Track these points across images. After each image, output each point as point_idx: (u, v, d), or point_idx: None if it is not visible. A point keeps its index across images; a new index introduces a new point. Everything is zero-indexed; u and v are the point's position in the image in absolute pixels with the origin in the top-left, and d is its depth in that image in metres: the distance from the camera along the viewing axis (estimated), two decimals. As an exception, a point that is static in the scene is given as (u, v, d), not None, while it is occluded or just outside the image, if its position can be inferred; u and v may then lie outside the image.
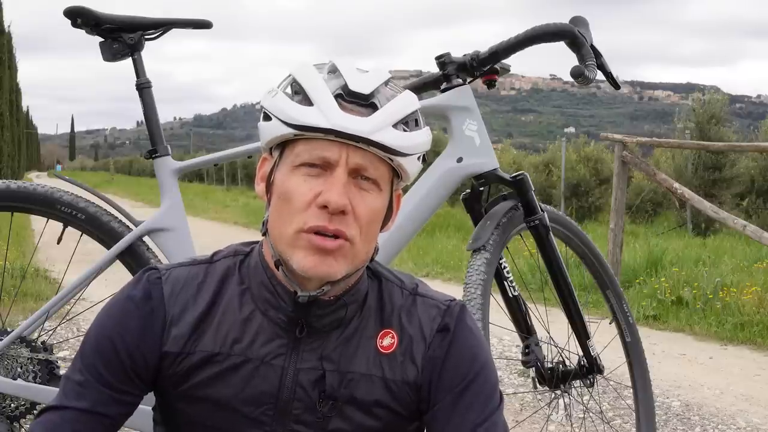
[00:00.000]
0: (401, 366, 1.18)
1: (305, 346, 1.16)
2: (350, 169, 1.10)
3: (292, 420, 1.15)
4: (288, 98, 1.12)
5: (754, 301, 5.82)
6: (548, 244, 2.19)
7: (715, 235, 11.26)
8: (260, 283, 1.18)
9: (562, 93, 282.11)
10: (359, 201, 1.10)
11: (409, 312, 1.21)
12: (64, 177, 2.20)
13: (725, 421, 3.70)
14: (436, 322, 1.20)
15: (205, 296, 1.18)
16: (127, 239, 2.07)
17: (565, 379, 2.28)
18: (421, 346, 1.19)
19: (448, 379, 1.18)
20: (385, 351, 1.18)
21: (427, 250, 9.87)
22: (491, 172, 2.17)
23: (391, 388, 1.17)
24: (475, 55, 2.15)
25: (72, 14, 2.07)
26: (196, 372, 1.16)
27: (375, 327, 1.19)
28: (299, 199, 1.09)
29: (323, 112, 1.08)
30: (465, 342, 1.20)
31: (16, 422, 2.05)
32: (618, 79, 2.22)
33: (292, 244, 1.11)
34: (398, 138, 1.11)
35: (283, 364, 1.15)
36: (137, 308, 1.17)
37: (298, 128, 1.09)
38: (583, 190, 14.29)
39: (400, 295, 1.22)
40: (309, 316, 1.15)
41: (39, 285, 6.36)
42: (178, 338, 1.16)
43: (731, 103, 16.36)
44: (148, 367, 1.17)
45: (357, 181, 1.11)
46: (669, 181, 6.51)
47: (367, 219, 1.11)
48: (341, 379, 1.16)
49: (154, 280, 1.19)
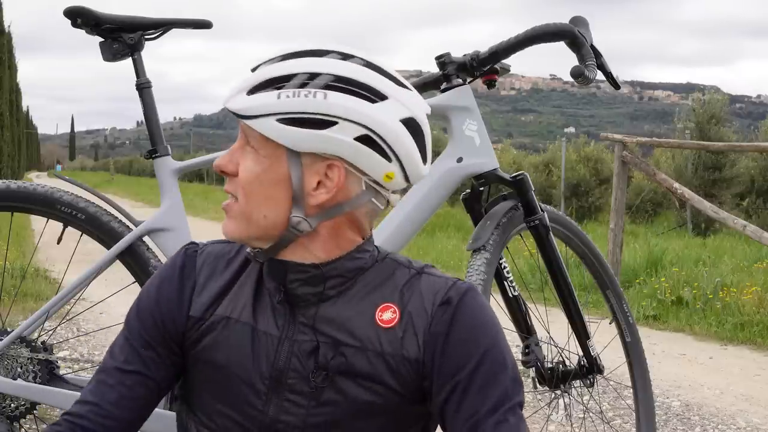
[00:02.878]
0: (401, 341, 1.15)
1: (299, 317, 1.19)
2: (243, 136, 1.18)
3: (286, 389, 1.17)
4: None
5: (754, 301, 5.82)
6: (548, 244, 2.19)
7: (715, 235, 11.26)
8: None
9: (562, 93, 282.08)
10: (240, 163, 1.18)
11: (411, 287, 1.19)
12: (64, 177, 2.20)
13: (725, 421, 3.71)
14: (439, 296, 1.16)
15: (232, 269, 1.26)
16: (127, 239, 2.07)
17: (565, 379, 2.28)
18: (423, 321, 1.16)
19: (455, 357, 1.14)
20: (385, 325, 1.16)
21: (427, 250, 9.87)
22: (491, 172, 2.17)
23: (389, 362, 1.15)
24: (475, 55, 2.15)
25: (72, 14, 2.07)
26: (207, 335, 1.22)
27: (375, 302, 1.18)
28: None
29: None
30: (471, 318, 1.16)
31: (16, 422, 2.05)
32: (618, 79, 2.22)
33: None
34: (240, 102, 1.15)
35: (280, 335, 1.19)
36: (174, 276, 1.27)
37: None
38: (583, 190, 14.30)
39: (405, 272, 1.21)
40: (286, 282, 1.19)
41: (39, 285, 6.36)
42: (202, 304, 1.24)
43: (731, 103, 16.36)
44: (178, 331, 1.24)
45: (248, 146, 1.18)
46: (669, 181, 6.52)
47: (243, 179, 1.17)
48: (335, 352, 1.16)
49: (191, 253, 1.29)
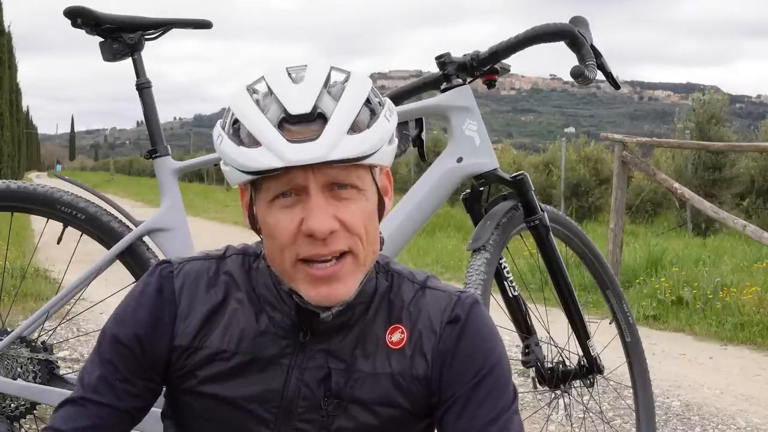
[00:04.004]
0: (410, 361, 1.15)
1: (312, 345, 1.15)
2: (322, 186, 1.06)
3: (296, 419, 1.14)
4: (234, 145, 1.08)
5: (754, 301, 5.82)
6: (548, 244, 2.19)
7: (715, 235, 11.25)
8: (265, 286, 1.18)
9: (562, 93, 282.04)
10: (344, 212, 1.07)
11: (418, 305, 1.18)
12: (64, 177, 2.21)
13: (725, 421, 3.70)
14: (446, 313, 1.17)
15: (216, 292, 1.19)
16: (127, 239, 2.07)
17: (565, 379, 2.28)
18: (432, 339, 1.16)
19: (460, 372, 1.15)
20: (395, 347, 1.15)
21: (427, 250, 9.87)
22: (491, 172, 2.17)
23: (400, 383, 1.15)
24: (475, 55, 2.15)
25: (72, 14, 2.07)
26: (203, 368, 1.16)
27: (384, 323, 1.17)
28: (283, 233, 1.07)
29: (272, 151, 1.04)
30: (477, 334, 1.17)
31: (16, 422, 2.05)
32: (618, 79, 2.22)
33: (293, 277, 1.10)
34: (358, 145, 1.05)
35: (289, 363, 1.14)
36: (149, 302, 1.18)
37: (254, 174, 1.06)
38: (583, 190, 14.29)
39: (410, 288, 1.20)
40: (313, 323, 1.15)
41: (39, 285, 6.36)
42: (188, 333, 1.17)
43: (731, 103, 16.36)
44: (158, 360, 1.18)
45: (335, 192, 1.07)
46: (669, 181, 6.51)
47: (359, 226, 1.08)
48: (347, 378, 1.14)
49: (166, 274, 1.20)
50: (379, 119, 1.09)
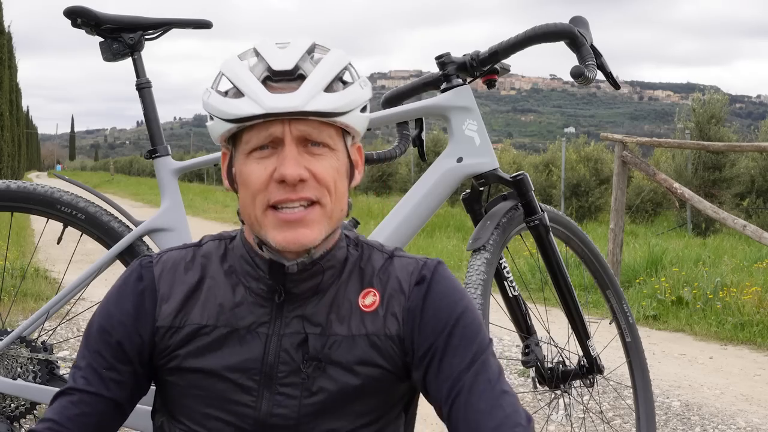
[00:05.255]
0: (383, 321, 1.22)
1: (288, 312, 1.21)
2: (296, 138, 1.16)
3: (277, 383, 1.20)
4: (221, 96, 1.19)
5: (754, 301, 5.82)
6: (548, 244, 2.19)
7: (715, 235, 11.25)
8: (240, 257, 1.25)
9: (562, 93, 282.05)
10: (315, 165, 1.16)
11: (387, 271, 1.26)
12: (64, 177, 2.21)
13: (725, 421, 3.70)
14: (413, 276, 1.25)
15: (193, 274, 1.26)
16: (127, 239, 2.07)
17: (565, 379, 2.28)
18: (401, 300, 1.23)
19: (430, 327, 1.22)
20: (368, 309, 1.23)
21: (427, 250, 9.87)
22: (491, 172, 2.17)
23: (376, 343, 1.21)
24: (475, 55, 2.15)
25: (72, 14, 2.07)
26: (186, 345, 1.22)
27: (356, 288, 1.24)
28: (257, 180, 1.16)
29: (254, 100, 1.14)
30: (442, 290, 1.24)
31: (16, 422, 2.05)
32: (618, 78, 2.22)
33: (262, 223, 1.18)
34: (331, 101, 1.16)
35: (267, 331, 1.21)
36: (131, 290, 1.26)
37: (236, 121, 1.16)
38: (583, 190, 14.29)
39: (380, 257, 1.28)
40: (287, 282, 1.21)
41: (39, 285, 6.36)
42: (169, 313, 1.23)
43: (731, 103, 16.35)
44: (144, 344, 1.24)
45: (308, 148, 1.16)
46: (669, 181, 6.51)
47: (329, 179, 1.17)
48: (324, 342, 1.20)
49: (146, 264, 1.28)
50: (354, 85, 1.21)
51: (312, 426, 1.19)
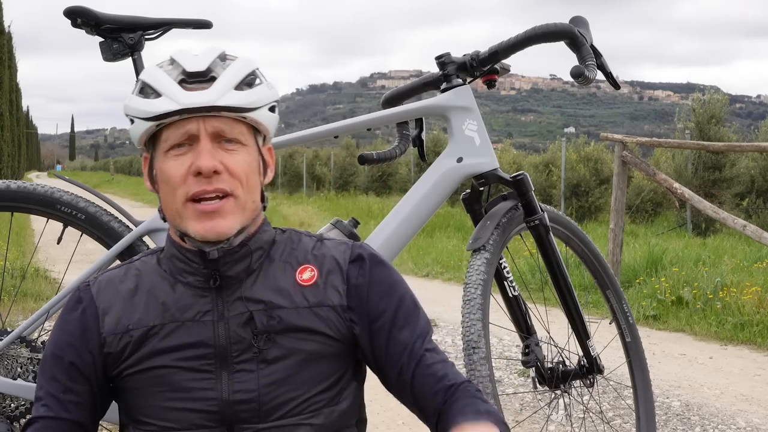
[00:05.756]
0: (324, 293, 1.32)
1: (227, 297, 1.29)
2: (211, 135, 1.24)
3: (233, 362, 1.26)
4: (141, 98, 1.28)
5: (754, 301, 5.82)
6: (548, 244, 2.19)
7: (715, 235, 11.26)
8: (172, 257, 1.32)
9: (562, 93, 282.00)
10: (229, 159, 1.25)
11: (321, 250, 1.36)
12: (64, 177, 2.21)
13: (725, 421, 3.70)
14: (347, 255, 1.36)
15: (129, 283, 1.33)
16: (126, 239, 2.07)
17: (565, 379, 2.28)
18: (339, 275, 1.34)
19: (378, 303, 1.33)
20: (306, 283, 1.32)
21: (427, 250, 9.87)
22: (491, 172, 2.17)
23: (318, 313, 1.30)
24: (475, 55, 2.15)
25: (72, 14, 2.07)
26: (139, 348, 1.28)
27: (292, 266, 1.33)
28: (175, 174, 1.25)
29: (171, 97, 1.23)
30: (386, 271, 1.37)
31: (16, 422, 2.05)
32: (618, 78, 2.22)
33: (182, 215, 1.26)
34: (242, 97, 1.25)
35: (213, 317, 1.28)
36: (72, 313, 1.33)
37: (155, 119, 1.25)
38: (583, 190, 14.29)
39: (309, 240, 1.39)
40: (220, 266, 1.28)
41: (39, 285, 6.36)
42: (112, 322, 1.30)
43: (731, 103, 16.35)
44: (95, 359, 1.30)
45: (221, 144, 1.25)
46: (669, 181, 6.51)
47: (242, 172, 1.25)
48: (269, 315, 1.28)
49: (83, 287, 1.35)
50: (263, 84, 1.31)
51: (273, 396, 1.26)
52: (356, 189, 22.04)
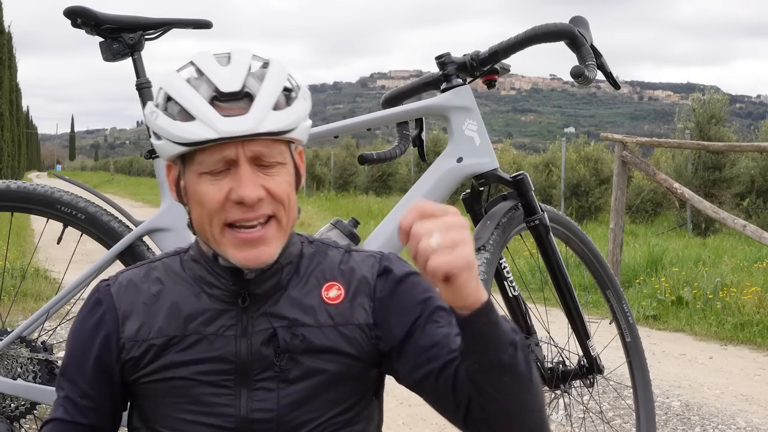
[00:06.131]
0: (350, 312, 1.26)
1: (252, 312, 1.24)
2: (250, 159, 1.17)
3: (253, 379, 1.23)
4: (169, 119, 1.18)
5: (754, 301, 5.82)
6: (548, 244, 2.19)
7: (715, 235, 11.25)
8: (200, 268, 1.27)
9: (562, 93, 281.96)
10: (270, 182, 1.18)
11: (348, 264, 1.30)
12: (64, 177, 2.21)
13: (725, 421, 3.71)
14: (375, 268, 1.30)
15: (151, 287, 1.28)
16: (127, 239, 2.07)
17: (565, 379, 2.28)
18: (367, 290, 1.28)
19: (403, 313, 1.26)
20: (332, 301, 1.27)
21: (427, 250, 9.85)
22: (491, 172, 2.17)
23: (343, 333, 1.25)
24: (475, 55, 2.15)
25: (72, 14, 2.07)
26: (158, 357, 1.24)
27: (318, 282, 1.28)
28: (212, 201, 1.18)
29: (206, 123, 1.15)
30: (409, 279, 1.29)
31: (16, 422, 2.05)
32: (618, 78, 2.22)
33: (220, 242, 1.20)
34: (281, 120, 1.18)
35: (235, 332, 1.23)
36: (92, 313, 1.28)
37: (189, 145, 1.17)
38: (583, 190, 14.29)
39: (336, 253, 1.32)
40: (249, 285, 1.24)
41: (39, 285, 6.36)
42: (133, 328, 1.25)
43: (731, 103, 16.35)
44: (114, 366, 1.26)
45: (261, 167, 1.18)
46: (669, 181, 6.51)
47: (283, 194, 1.20)
48: (292, 333, 1.24)
49: (103, 288, 1.30)
50: (298, 99, 1.23)
51: (292, 417, 1.22)
52: (356, 189, 22.03)
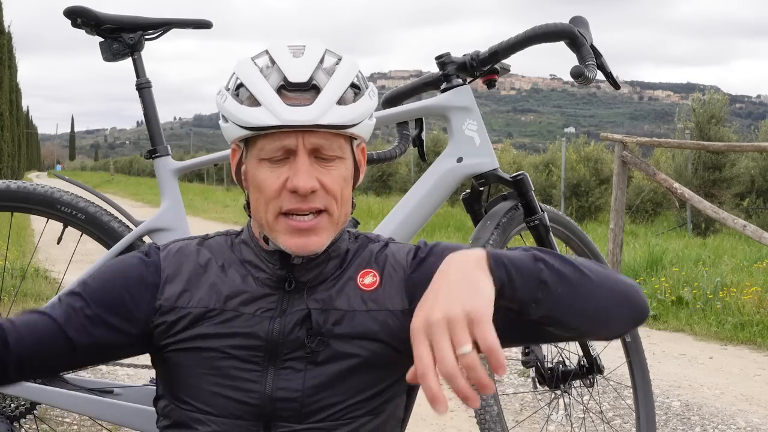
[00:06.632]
0: (384, 298, 1.27)
1: (293, 299, 1.26)
2: (309, 150, 1.20)
3: (282, 358, 1.24)
4: (236, 102, 1.23)
5: (754, 301, 5.82)
6: (548, 244, 2.19)
7: (715, 235, 11.26)
8: (250, 250, 1.30)
9: (562, 93, 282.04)
10: (326, 176, 1.21)
11: (384, 253, 1.32)
12: (64, 177, 2.21)
13: (725, 421, 3.71)
14: (410, 254, 1.32)
15: (199, 259, 1.30)
16: (127, 239, 2.07)
17: (565, 379, 2.28)
18: (400, 274, 1.29)
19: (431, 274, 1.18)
20: (367, 288, 1.28)
21: (427, 250, 9.85)
22: (491, 172, 2.17)
23: (377, 318, 1.26)
24: (475, 55, 2.15)
25: (72, 14, 2.07)
26: (192, 326, 1.25)
27: (355, 269, 1.30)
28: (270, 188, 1.21)
29: (270, 110, 1.19)
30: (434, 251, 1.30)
31: (16, 422, 2.05)
32: (618, 78, 2.22)
33: (273, 228, 1.23)
34: (344, 115, 1.21)
35: (273, 314, 1.25)
36: (137, 263, 1.29)
37: (251, 129, 1.21)
38: (583, 190, 14.29)
39: (376, 245, 1.35)
40: (295, 271, 1.26)
41: (39, 285, 6.36)
42: (173, 294, 1.27)
43: (731, 103, 16.35)
44: (138, 317, 1.25)
45: (319, 159, 1.21)
46: (669, 181, 6.51)
47: (337, 188, 1.23)
48: (326, 316, 1.25)
49: (153, 248, 1.33)
50: (364, 96, 1.26)
51: (315, 399, 1.23)
52: (356, 189, 22.02)
